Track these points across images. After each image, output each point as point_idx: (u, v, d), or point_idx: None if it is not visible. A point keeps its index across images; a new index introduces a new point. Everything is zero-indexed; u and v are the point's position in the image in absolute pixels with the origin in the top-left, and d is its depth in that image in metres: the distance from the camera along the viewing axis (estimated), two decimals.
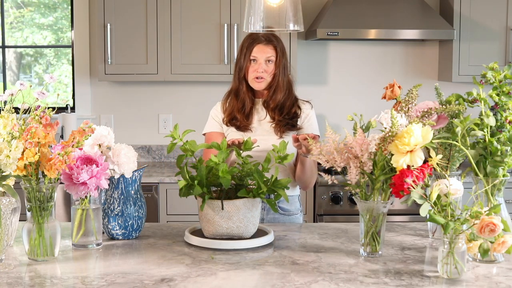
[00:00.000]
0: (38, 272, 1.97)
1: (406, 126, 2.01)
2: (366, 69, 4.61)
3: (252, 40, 2.76)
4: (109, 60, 4.15)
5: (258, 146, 2.45)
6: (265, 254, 2.17)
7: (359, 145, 2.07)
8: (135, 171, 2.31)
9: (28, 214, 2.10)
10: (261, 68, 2.73)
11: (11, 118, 2.04)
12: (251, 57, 2.75)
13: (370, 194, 2.10)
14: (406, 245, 2.26)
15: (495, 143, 2.06)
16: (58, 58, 4.82)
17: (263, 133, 2.77)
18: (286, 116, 2.76)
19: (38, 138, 2.01)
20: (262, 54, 2.74)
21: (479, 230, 1.87)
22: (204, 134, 2.88)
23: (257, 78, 2.74)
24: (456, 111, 2.12)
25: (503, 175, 2.09)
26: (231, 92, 2.84)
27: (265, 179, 2.24)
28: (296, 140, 2.50)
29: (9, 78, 4.77)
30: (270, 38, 2.76)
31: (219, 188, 2.28)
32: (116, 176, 2.28)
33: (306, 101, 2.87)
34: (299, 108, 2.81)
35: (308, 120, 2.81)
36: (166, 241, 2.32)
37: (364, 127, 2.14)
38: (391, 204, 2.11)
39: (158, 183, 3.94)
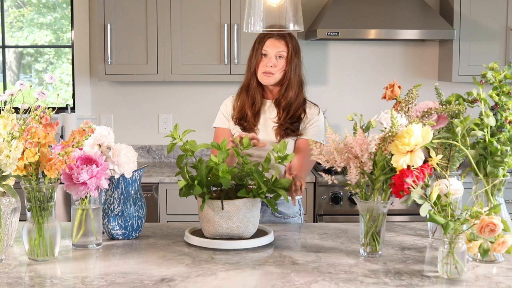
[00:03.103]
0: (38, 272, 1.97)
1: (406, 126, 2.01)
2: (366, 69, 4.61)
3: (265, 34, 2.73)
4: (109, 60, 4.15)
5: (255, 144, 2.44)
6: (265, 254, 2.17)
7: (359, 145, 2.07)
8: (135, 171, 2.31)
9: (28, 214, 2.10)
10: (271, 63, 2.70)
11: (11, 118, 2.04)
12: (263, 51, 2.72)
13: (370, 194, 2.10)
14: (406, 245, 2.26)
15: (495, 143, 2.06)
16: (58, 58, 4.82)
17: (264, 135, 2.75)
18: (289, 120, 2.73)
19: (38, 138, 2.01)
20: (274, 48, 2.71)
21: (479, 230, 1.87)
22: (214, 127, 2.88)
23: (265, 72, 2.71)
24: (456, 111, 2.12)
25: (503, 175, 2.09)
26: (242, 88, 2.81)
27: (265, 179, 2.24)
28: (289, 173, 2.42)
29: (9, 78, 4.77)
30: (283, 34, 2.73)
31: (219, 188, 2.28)
32: (116, 176, 2.28)
33: (315, 104, 2.81)
34: (304, 111, 2.77)
35: (311, 125, 2.76)
36: (166, 241, 2.32)
37: (364, 127, 2.14)
38: (391, 204, 2.11)
39: (158, 183, 3.94)
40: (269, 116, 2.78)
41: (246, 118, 2.76)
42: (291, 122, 2.73)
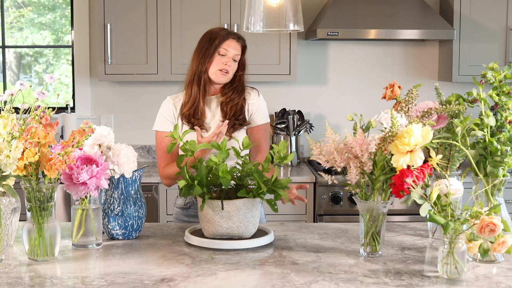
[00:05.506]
0: (38, 272, 1.97)
1: (406, 126, 2.01)
2: (366, 69, 4.61)
3: (226, 33, 2.75)
4: (109, 60, 4.15)
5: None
6: (265, 254, 2.17)
7: (359, 145, 2.07)
8: (135, 171, 2.31)
9: (28, 214, 2.10)
10: (230, 62, 2.74)
11: (11, 118, 2.04)
12: (221, 50, 2.73)
13: (370, 194, 2.10)
14: (406, 245, 2.26)
15: (495, 143, 2.06)
16: (57, 59, 4.82)
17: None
18: (233, 116, 2.75)
19: (38, 138, 2.01)
20: (233, 50, 2.74)
21: (479, 230, 1.87)
22: (156, 131, 2.84)
23: (222, 70, 2.73)
24: (456, 111, 2.12)
25: (503, 175, 2.09)
26: (190, 83, 2.79)
27: (265, 179, 2.24)
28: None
29: (9, 78, 4.77)
30: (241, 37, 2.78)
31: (219, 188, 2.28)
32: (116, 176, 2.28)
33: (252, 88, 2.85)
34: (244, 100, 2.79)
35: (257, 111, 2.80)
36: (166, 241, 2.32)
37: (364, 127, 2.14)
38: (391, 204, 2.11)
39: (158, 183, 3.94)
40: (214, 113, 2.79)
41: (196, 114, 2.75)
42: (236, 117, 2.76)
